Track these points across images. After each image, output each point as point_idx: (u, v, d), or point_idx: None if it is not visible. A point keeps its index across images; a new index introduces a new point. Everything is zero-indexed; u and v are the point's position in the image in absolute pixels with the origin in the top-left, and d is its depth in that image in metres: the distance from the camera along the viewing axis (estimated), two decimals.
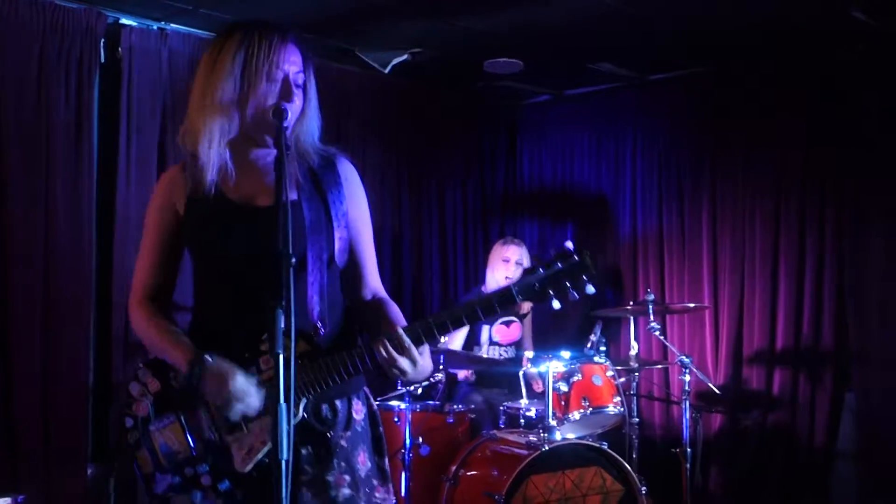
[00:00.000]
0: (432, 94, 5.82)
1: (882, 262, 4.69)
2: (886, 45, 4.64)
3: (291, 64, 1.99)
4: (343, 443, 2.03)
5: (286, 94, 1.97)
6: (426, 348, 1.93)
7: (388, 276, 5.47)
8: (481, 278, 5.38)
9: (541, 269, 1.84)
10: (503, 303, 1.85)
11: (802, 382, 4.93)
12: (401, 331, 1.89)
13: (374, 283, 2.17)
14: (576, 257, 1.83)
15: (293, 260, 1.69)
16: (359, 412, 2.09)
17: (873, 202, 4.74)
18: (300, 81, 2.01)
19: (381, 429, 2.14)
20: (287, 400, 1.63)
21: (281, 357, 1.63)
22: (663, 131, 5.60)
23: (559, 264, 1.84)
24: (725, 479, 5.12)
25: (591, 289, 1.82)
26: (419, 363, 1.90)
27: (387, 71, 5.20)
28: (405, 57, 5.06)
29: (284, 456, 1.61)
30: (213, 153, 1.99)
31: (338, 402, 2.05)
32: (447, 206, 5.91)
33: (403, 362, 1.88)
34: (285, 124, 1.91)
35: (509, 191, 6.31)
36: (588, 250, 1.83)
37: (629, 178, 5.75)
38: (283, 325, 1.65)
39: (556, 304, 1.85)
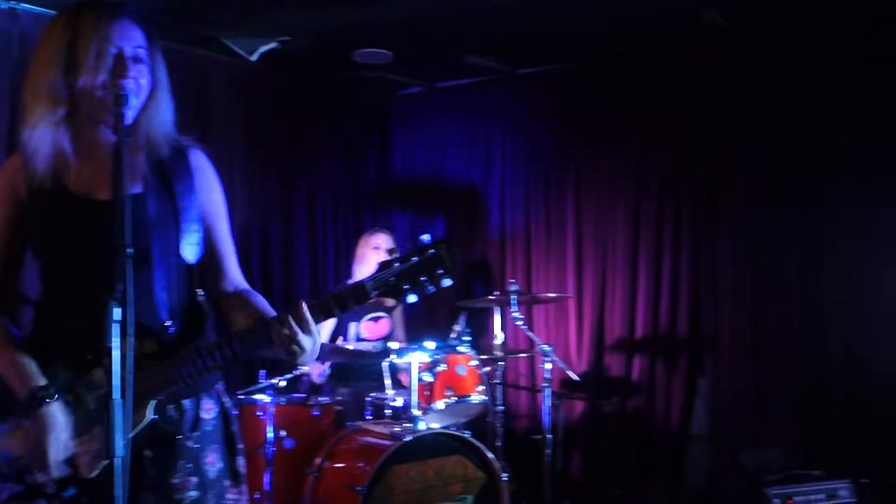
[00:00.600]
0: (302, 83, 5.75)
1: (733, 254, 4.95)
2: (740, 46, 4.87)
3: (126, 39, 1.91)
4: (190, 444, 2.00)
5: (120, 69, 1.89)
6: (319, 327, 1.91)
7: (258, 273, 5.37)
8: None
9: (397, 264, 1.82)
10: (357, 298, 1.84)
11: (659, 369, 5.15)
12: (305, 305, 1.87)
13: (234, 275, 2.14)
14: (432, 250, 1.81)
15: (131, 251, 1.66)
16: (209, 411, 2.05)
17: (726, 199, 4.99)
18: (142, 56, 1.93)
19: (234, 427, 2.11)
20: (123, 396, 1.60)
21: (115, 353, 1.61)
22: (532, 125, 5.73)
23: (415, 258, 1.82)
24: (586, 463, 5.30)
25: (447, 282, 1.81)
26: (317, 340, 1.89)
27: (254, 59, 5.14)
28: (273, 45, 5.01)
29: (119, 453, 1.59)
30: (38, 137, 1.92)
31: (185, 402, 2.01)
32: (317, 199, 5.83)
33: (305, 339, 1.86)
34: (127, 109, 1.85)
35: (381, 183, 6.31)
36: (447, 242, 1.81)
37: (498, 171, 5.86)
38: (119, 319, 1.62)
39: (411, 299, 1.83)
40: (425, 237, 1.85)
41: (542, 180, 5.65)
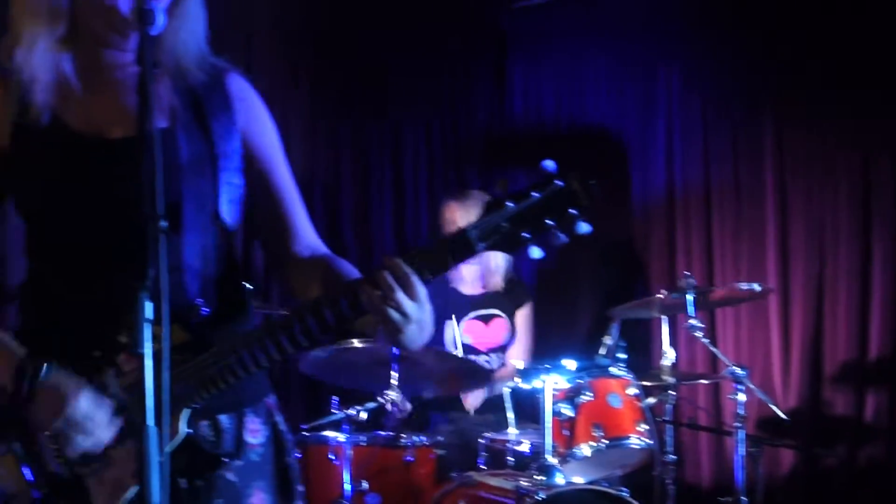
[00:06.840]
0: None
1: None
2: None
3: None
4: (229, 476, 1.97)
5: None
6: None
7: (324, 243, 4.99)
8: None
9: (509, 203, 1.78)
10: (458, 252, 1.79)
11: None
12: (398, 259, 1.83)
13: (307, 234, 2.14)
14: (559, 182, 1.76)
15: (165, 224, 1.63)
16: (255, 434, 2.03)
17: None
18: None
19: (289, 458, 2.08)
20: (159, 421, 1.57)
21: (147, 356, 1.58)
22: (717, 49, 5.20)
23: (535, 193, 1.77)
24: None
25: (584, 227, 1.77)
26: (427, 310, 1.83)
27: None
28: None
29: (155, 501, 1.56)
30: (36, 62, 1.97)
31: (223, 418, 1.98)
32: (405, 151, 5.73)
33: (408, 304, 1.79)
34: (153, 28, 1.81)
35: (493, 130, 6.04)
36: (580, 173, 1.74)
37: (663, 116, 5.40)
38: (150, 315, 1.60)
39: (535, 253, 1.77)
40: (548, 163, 1.77)
41: (727, 132, 5.22)
